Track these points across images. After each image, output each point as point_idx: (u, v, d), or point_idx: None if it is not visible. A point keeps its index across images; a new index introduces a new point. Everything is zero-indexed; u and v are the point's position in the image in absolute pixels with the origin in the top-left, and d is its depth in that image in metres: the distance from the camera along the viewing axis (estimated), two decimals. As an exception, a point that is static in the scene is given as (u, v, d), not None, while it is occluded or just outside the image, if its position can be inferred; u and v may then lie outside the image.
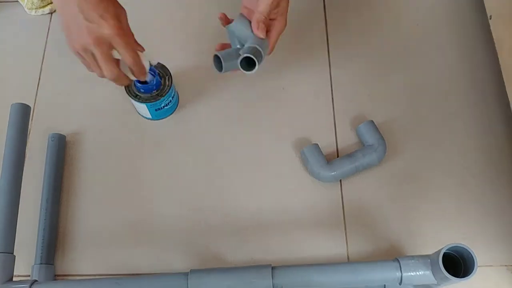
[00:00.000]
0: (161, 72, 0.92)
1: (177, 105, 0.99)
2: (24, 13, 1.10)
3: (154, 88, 0.90)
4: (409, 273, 0.68)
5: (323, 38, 1.04)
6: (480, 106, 0.96)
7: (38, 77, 1.02)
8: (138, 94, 0.91)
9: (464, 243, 0.83)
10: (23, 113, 0.83)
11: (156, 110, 0.94)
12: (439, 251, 0.66)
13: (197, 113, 0.98)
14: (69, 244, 0.88)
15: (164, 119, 0.98)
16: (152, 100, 0.91)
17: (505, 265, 0.84)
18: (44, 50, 1.06)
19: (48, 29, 1.08)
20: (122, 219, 0.90)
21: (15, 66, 1.04)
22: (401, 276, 0.69)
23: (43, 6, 1.08)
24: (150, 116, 0.96)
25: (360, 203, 0.89)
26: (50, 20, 1.09)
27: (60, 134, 0.95)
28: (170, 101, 0.94)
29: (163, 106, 0.94)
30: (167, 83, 0.92)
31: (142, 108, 0.93)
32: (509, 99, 0.86)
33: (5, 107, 0.96)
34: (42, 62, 1.04)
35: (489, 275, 0.83)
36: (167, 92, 0.91)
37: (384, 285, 0.73)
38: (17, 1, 1.09)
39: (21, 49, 1.06)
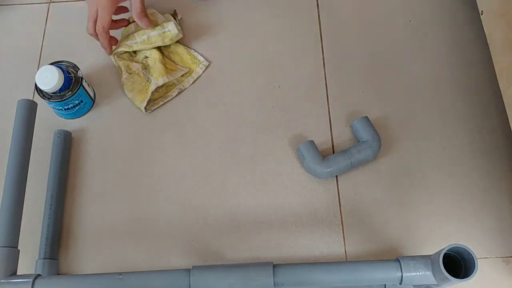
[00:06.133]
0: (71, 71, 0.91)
1: (92, 105, 0.97)
2: (20, 14, 1.06)
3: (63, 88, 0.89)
4: (410, 273, 0.66)
5: (317, 35, 1.01)
6: (474, 99, 0.93)
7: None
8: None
9: (459, 236, 0.83)
10: (30, 109, 0.81)
11: (65, 109, 0.92)
12: (440, 251, 0.63)
13: (196, 113, 0.95)
14: (73, 240, 0.87)
15: (165, 119, 0.95)
16: (59, 100, 0.89)
17: (500, 257, 0.81)
18: (41, 50, 1.03)
19: (45, 25, 1.05)
20: (125, 216, 0.88)
21: (13, 65, 1.01)
22: (402, 276, 0.66)
23: None
24: (61, 116, 0.96)
25: (356, 197, 0.87)
26: (46, 21, 1.06)
27: (66, 131, 0.93)
28: (81, 101, 0.93)
29: (72, 106, 0.92)
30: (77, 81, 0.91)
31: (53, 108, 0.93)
32: (502, 93, 0.84)
33: (3, 107, 0.95)
34: (39, 63, 1.01)
35: (484, 267, 0.81)
36: (76, 91, 0.90)
37: (385, 284, 0.71)
38: (13, 4, 1.06)
39: (18, 49, 1.03)
